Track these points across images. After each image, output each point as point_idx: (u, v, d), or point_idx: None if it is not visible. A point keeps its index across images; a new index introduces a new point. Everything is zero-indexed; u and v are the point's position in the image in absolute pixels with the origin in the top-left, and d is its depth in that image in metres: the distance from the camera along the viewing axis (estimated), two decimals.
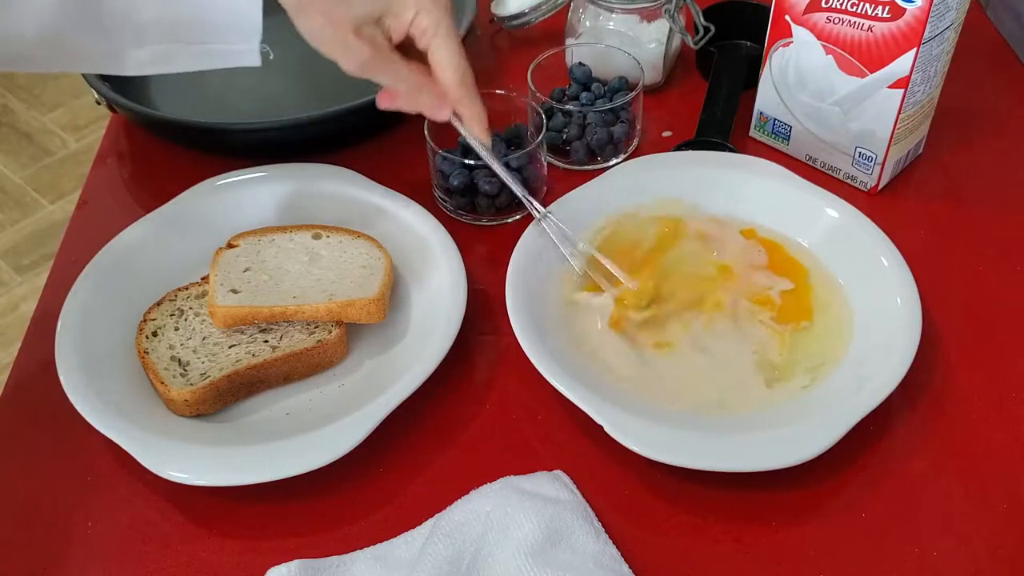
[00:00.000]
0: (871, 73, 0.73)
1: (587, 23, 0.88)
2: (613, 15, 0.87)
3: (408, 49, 0.64)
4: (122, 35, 0.62)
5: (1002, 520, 0.58)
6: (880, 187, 0.78)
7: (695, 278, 0.70)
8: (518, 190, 0.70)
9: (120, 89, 0.82)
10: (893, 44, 0.70)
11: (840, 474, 0.60)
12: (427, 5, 0.62)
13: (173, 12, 0.62)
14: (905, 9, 0.68)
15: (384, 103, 0.67)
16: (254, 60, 0.64)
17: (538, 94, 0.81)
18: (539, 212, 0.71)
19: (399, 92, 0.65)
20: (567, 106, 0.82)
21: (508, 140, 0.79)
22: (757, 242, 0.72)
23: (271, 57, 0.65)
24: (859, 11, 0.71)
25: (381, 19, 0.62)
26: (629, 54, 0.83)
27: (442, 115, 0.66)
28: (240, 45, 0.63)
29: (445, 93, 0.65)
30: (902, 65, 0.71)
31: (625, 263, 0.70)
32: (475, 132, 0.67)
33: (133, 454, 0.59)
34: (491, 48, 0.97)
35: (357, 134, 0.85)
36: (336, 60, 0.61)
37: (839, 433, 0.58)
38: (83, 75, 0.83)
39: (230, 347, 0.66)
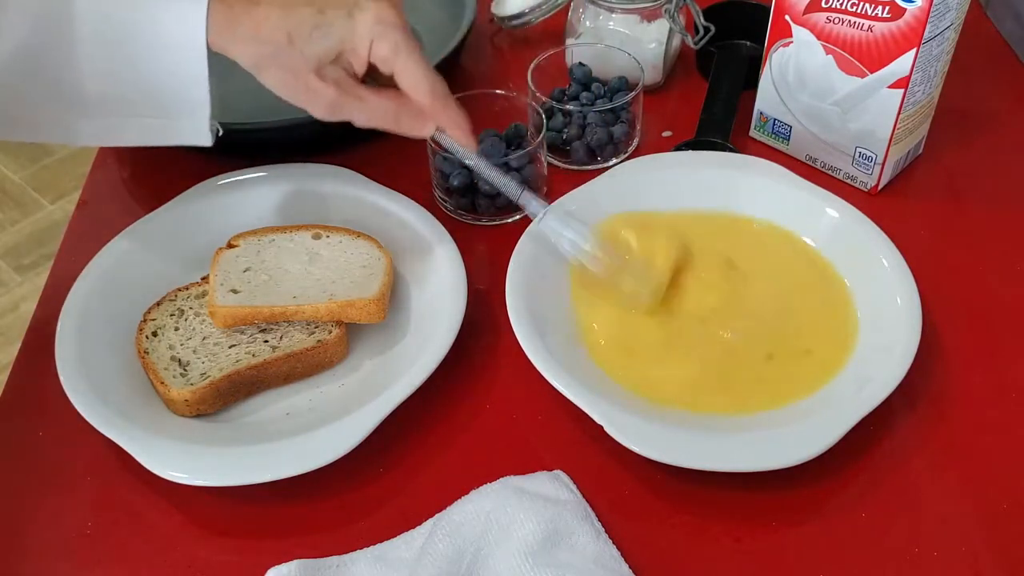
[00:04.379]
0: (871, 73, 0.73)
1: (587, 23, 0.88)
2: (613, 15, 0.87)
3: (376, 73, 0.63)
4: (71, 106, 0.62)
5: (1002, 520, 0.58)
6: (880, 187, 0.78)
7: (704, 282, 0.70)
8: (514, 192, 0.68)
9: None
10: (893, 44, 0.70)
11: (840, 474, 0.60)
12: (379, 31, 0.60)
13: (119, 88, 0.61)
14: (905, 9, 0.68)
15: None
16: (205, 140, 0.64)
17: (538, 94, 0.80)
18: (542, 206, 0.68)
19: (376, 123, 0.64)
20: (567, 106, 0.82)
21: (508, 140, 0.79)
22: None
23: (220, 134, 0.65)
24: (859, 11, 0.71)
25: (339, 56, 0.60)
26: (629, 54, 0.83)
27: (426, 131, 0.65)
28: (190, 123, 0.63)
29: (421, 110, 0.64)
30: (902, 65, 0.71)
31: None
32: (458, 138, 0.65)
33: (133, 454, 0.59)
34: (491, 48, 0.97)
35: (357, 134, 0.84)
36: (307, 109, 0.61)
37: (839, 433, 0.58)
38: None
39: (230, 347, 0.66)
